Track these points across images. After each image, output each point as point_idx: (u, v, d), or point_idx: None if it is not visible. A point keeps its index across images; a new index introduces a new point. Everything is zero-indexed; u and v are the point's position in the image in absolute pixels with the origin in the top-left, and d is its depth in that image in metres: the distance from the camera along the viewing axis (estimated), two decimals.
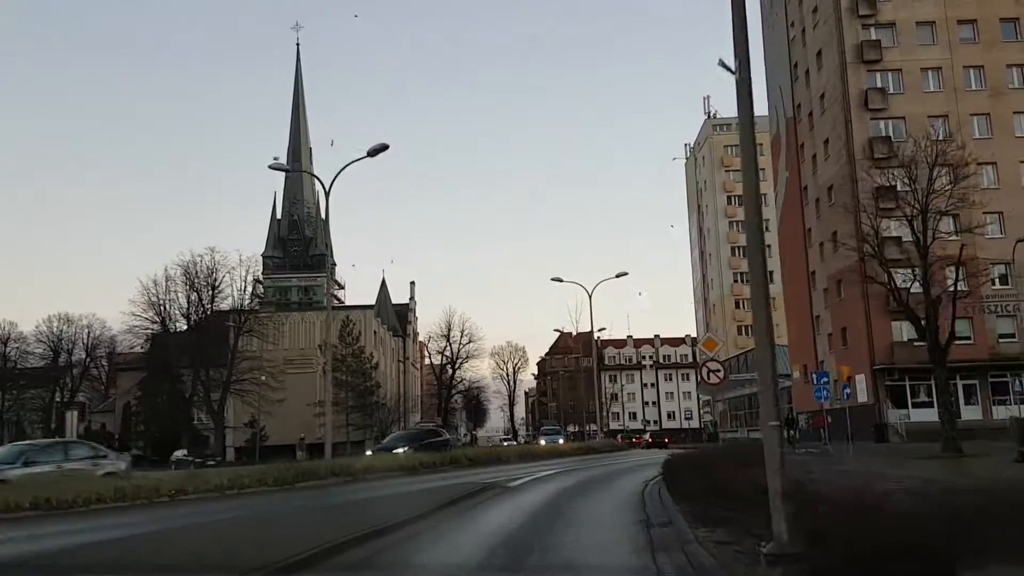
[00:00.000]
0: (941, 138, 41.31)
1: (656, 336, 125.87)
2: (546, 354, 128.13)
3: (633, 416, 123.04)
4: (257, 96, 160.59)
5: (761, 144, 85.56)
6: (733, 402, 72.26)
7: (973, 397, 39.79)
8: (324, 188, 24.85)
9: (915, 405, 39.73)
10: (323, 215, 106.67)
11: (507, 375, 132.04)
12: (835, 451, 32.23)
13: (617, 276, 50.02)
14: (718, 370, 20.18)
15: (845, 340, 44.03)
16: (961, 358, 39.10)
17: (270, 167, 38.10)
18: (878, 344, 40.50)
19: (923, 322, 27.22)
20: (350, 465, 20.65)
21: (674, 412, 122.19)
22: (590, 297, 52.37)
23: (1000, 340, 39.59)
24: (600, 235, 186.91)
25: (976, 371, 39.59)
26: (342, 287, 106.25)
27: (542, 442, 38.84)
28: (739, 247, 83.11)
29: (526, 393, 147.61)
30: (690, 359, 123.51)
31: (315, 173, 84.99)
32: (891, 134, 41.59)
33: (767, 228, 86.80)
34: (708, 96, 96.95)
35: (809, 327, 49.12)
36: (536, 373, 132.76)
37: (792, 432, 39.33)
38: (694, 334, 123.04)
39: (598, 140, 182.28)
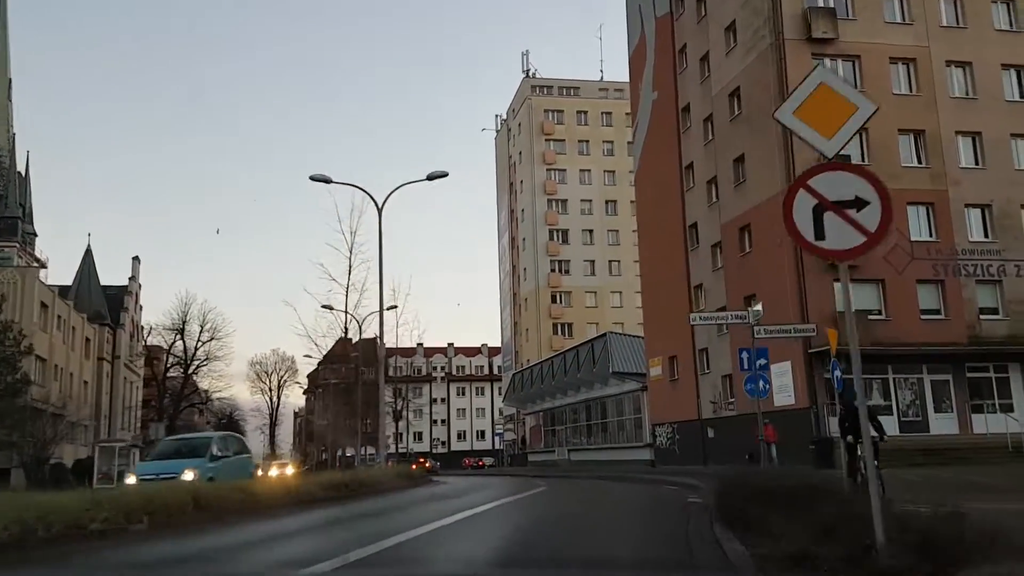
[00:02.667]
0: (900, 21, 28.42)
1: (450, 344, 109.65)
2: (318, 364, 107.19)
3: (419, 437, 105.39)
4: None
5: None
6: (547, 415, 57.04)
7: (945, 400, 26.59)
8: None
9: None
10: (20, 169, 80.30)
11: (269, 389, 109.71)
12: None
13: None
14: None
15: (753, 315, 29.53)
16: (929, 341, 25.73)
17: None
18: (815, 316, 26.22)
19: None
20: None
21: (465, 432, 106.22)
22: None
23: (981, 317, 26.80)
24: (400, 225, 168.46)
25: (948, 362, 26.53)
26: (42, 264, 79.22)
27: (131, 480, 16.52)
28: (559, 230, 68.92)
29: (295, 412, 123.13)
30: (486, 371, 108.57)
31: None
32: (834, 5, 28.01)
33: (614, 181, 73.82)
34: (527, 51, 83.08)
35: (684, 302, 34.53)
36: (306, 387, 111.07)
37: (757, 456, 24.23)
38: (495, 342, 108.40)
39: (393, 113, 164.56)
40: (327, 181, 24.13)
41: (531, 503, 15.58)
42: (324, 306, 35.28)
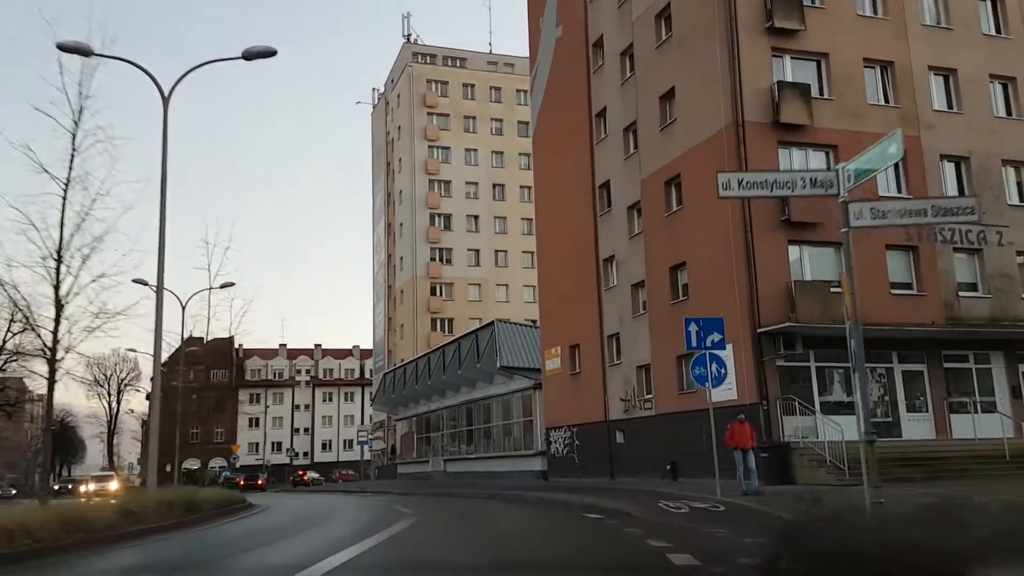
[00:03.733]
0: None
1: (317, 346, 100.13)
2: (163, 366, 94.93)
3: (277, 447, 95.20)
4: None
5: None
6: (421, 421, 49.59)
7: (919, 396, 21.25)
8: None
9: (828, 408, 20.08)
10: None
11: (108, 393, 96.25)
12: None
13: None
14: None
15: (682, 290, 23.48)
16: (902, 321, 20.44)
17: None
18: (766, 289, 20.38)
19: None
20: None
21: (331, 442, 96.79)
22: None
23: (960, 294, 21.69)
24: (259, 215, 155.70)
25: (922, 348, 21.26)
26: None
27: None
28: (441, 215, 61.74)
29: (144, 421, 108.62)
30: (357, 374, 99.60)
31: None
32: None
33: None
34: (408, 14, 75.22)
35: (590, 279, 28.20)
36: (150, 392, 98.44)
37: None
38: (368, 344, 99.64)
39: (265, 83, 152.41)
40: (86, 53, 15.70)
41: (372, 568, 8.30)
42: (136, 280, 26.54)
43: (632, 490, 20.23)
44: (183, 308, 32.96)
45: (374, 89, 75.20)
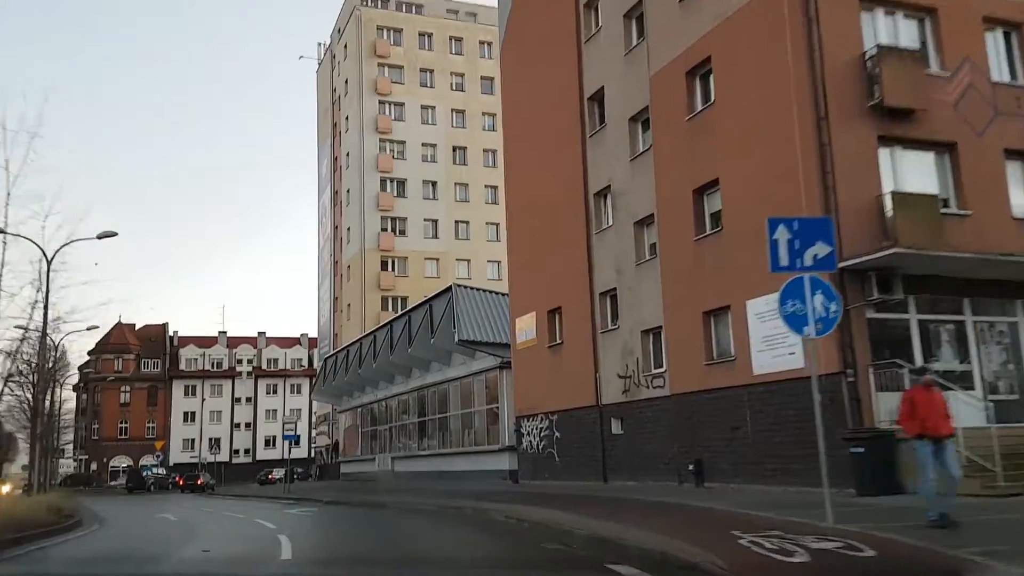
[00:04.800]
0: None
1: (260, 334, 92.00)
2: (90, 353, 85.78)
3: (215, 444, 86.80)
4: None
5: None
6: (365, 412, 42.52)
7: None
8: None
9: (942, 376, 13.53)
10: None
11: (32, 385, 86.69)
12: None
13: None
14: None
15: (711, 220, 16.85)
16: None
17: None
18: (848, 206, 13.88)
19: None
20: None
21: (275, 438, 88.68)
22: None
23: None
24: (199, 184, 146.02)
25: None
26: None
27: None
28: (393, 180, 54.50)
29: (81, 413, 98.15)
30: (305, 364, 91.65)
31: None
32: None
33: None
34: None
35: (577, 222, 21.52)
36: (77, 383, 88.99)
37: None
38: (314, 332, 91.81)
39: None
40: None
41: None
42: None
43: (647, 502, 13.59)
44: (48, 263, 25.04)
45: (319, 44, 67.55)
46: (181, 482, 51.89)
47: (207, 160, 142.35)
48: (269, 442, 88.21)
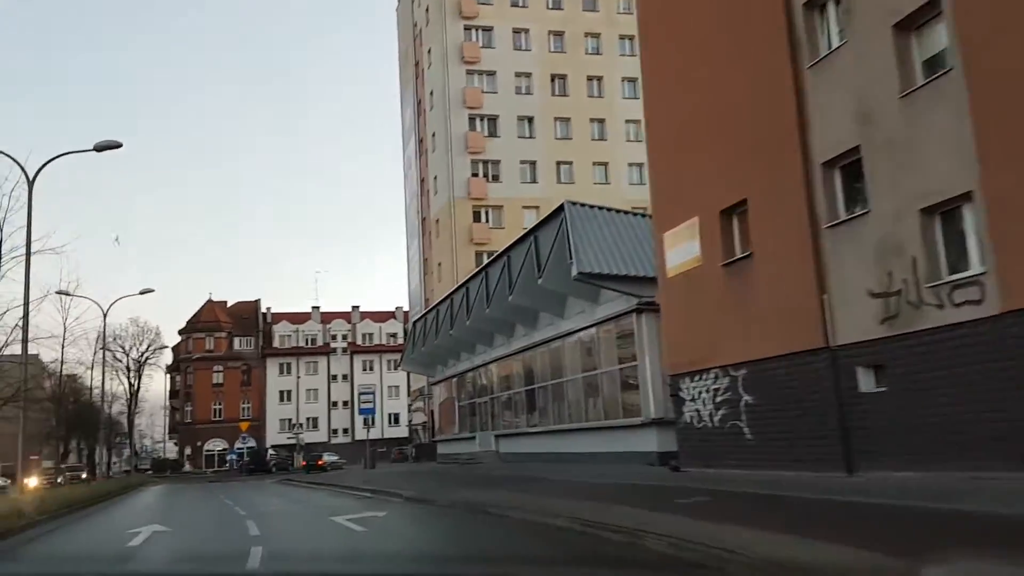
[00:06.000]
0: None
1: (354, 308, 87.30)
2: (181, 332, 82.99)
3: (314, 424, 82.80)
4: None
5: None
6: (460, 383, 35.64)
7: None
8: None
9: None
10: None
11: (128, 369, 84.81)
12: None
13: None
14: None
15: None
16: None
17: None
18: None
19: None
20: None
21: (373, 417, 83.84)
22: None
23: None
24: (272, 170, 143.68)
25: None
26: None
27: None
28: (483, 117, 47.20)
29: (173, 396, 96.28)
30: (401, 339, 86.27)
31: None
32: None
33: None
34: None
35: (773, 62, 13.29)
36: (170, 365, 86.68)
37: None
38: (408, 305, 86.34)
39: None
40: None
41: None
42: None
43: None
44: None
45: None
46: (304, 463, 49.76)
47: (295, 138, 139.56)
48: (367, 422, 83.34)
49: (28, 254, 17.59)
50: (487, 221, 46.04)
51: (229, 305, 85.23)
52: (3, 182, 21.41)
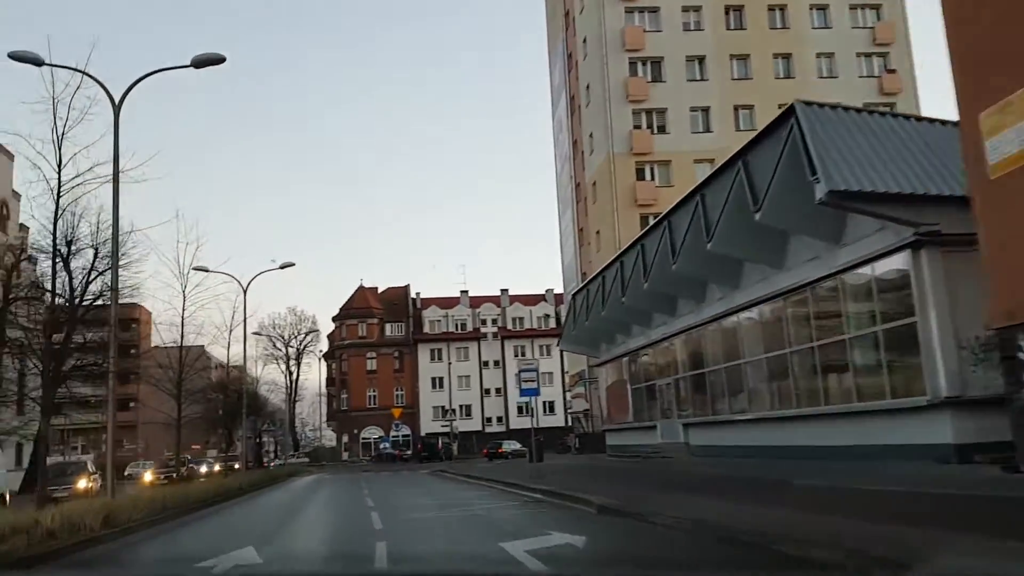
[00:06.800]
0: None
1: (503, 291, 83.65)
2: (335, 319, 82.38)
3: (467, 412, 79.96)
4: None
5: None
6: (632, 363, 30.13)
7: None
8: None
9: None
10: None
11: (287, 358, 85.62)
12: None
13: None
14: None
15: None
16: None
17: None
18: None
19: None
20: None
21: (526, 405, 79.72)
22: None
23: None
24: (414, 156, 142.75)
25: None
26: None
27: None
28: (645, 59, 41.26)
29: (329, 384, 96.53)
30: (553, 323, 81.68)
31: None
32: None
33: None
34: None
35: None
36: (325, 352, 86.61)
37: None
38: (560, 287, 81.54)
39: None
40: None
41: None
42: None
43: None
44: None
45: None
46: (485, 452, 49.59)
47: (443, 124, 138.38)
48: (522, 410, 79.48)
49: (116, 185, 13.97)
50: (653, 179, 40.17)
51: (380, 291, 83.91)
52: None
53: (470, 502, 14.38)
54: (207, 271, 29.44)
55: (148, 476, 25.49)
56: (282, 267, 32.55)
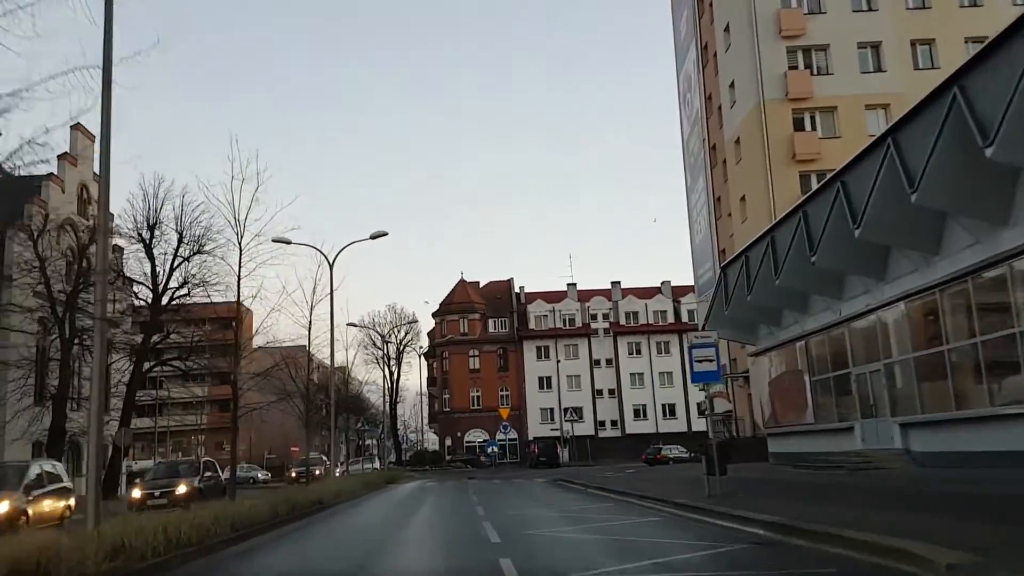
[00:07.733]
0: None
1: (615, 284, 77.33)
2: (435, 315, 77.89)
3: (578, 414, 73.66)
4: None
5: None
6: (808, 349, 23.41)
7: None
8: None
9: None
10: None
11: (387, 356, 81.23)
12: None
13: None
14: None
15: None
16: None
17: None
18: None
19: None
20: None
21: (644, 407, 73.08)
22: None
23: None
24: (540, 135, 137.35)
25: None
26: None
27: None
28: None
29: (431, 383, 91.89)
30: (671, 318, 74.59)
31: None
32: None
33: None
34: None
35: None
36: (425, 350, 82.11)
37: None
38: (678, 279, 74.18)
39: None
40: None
41: None
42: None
43: None
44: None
45: None
46: (644, 457, 47.61)
47: (550, 119, 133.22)
48: (639, 412, 72.77)
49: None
50: (814, 128, 33.21)
51: (482, 285, 79.08)
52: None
53: (623, 533, 8.64)
54: (288, 243, 24.63)
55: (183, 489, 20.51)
56: (373, 237, 27.75)
